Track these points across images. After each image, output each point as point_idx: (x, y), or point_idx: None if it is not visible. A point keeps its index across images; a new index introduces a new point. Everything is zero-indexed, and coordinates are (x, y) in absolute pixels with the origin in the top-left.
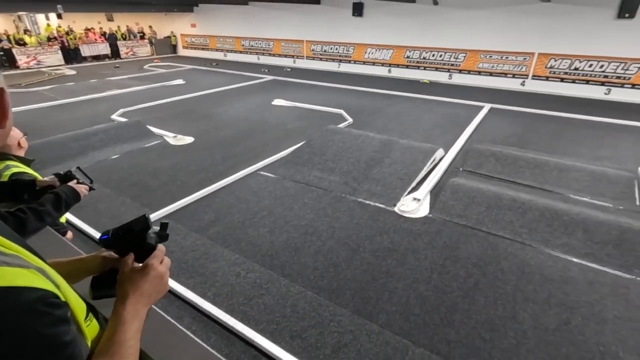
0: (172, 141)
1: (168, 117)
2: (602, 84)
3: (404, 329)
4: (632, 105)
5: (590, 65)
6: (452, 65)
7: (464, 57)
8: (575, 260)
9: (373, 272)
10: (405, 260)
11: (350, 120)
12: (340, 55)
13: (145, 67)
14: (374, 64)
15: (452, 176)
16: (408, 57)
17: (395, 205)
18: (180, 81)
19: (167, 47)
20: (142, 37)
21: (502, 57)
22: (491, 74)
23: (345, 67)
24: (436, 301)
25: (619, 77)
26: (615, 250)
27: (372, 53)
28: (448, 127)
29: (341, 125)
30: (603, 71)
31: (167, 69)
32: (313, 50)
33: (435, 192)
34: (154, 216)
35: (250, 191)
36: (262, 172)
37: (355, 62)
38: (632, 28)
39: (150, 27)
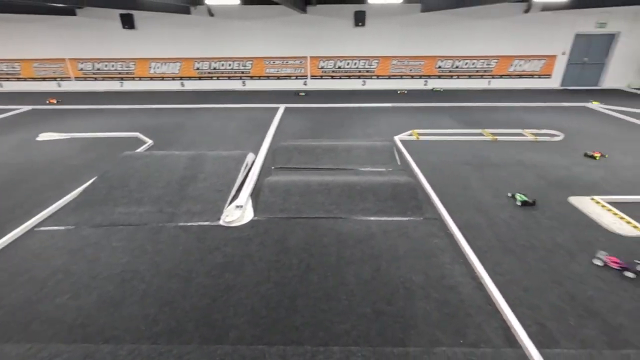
0: None
1: None
2: (359, 77)
3: (256, 335)
4: (380, 91)
5: (348, 64)
6: (243, 72)
7: (252, 64)
8: (372, 218)
9: (212, 293)
10: (242, 269)
11: (149, 141)
12: (120, 73)
13: None
14: (163, 78)
15: (267, 175)
16: (198, 68)
17: (219, 219)
18: None
19: None
20: None
21: (283, 62)
22: (278, 78)
23: (129, 85)
24: (278, 296)
25: (368, 71)
26: (393, 202)
27: (159, 67)
28: (253, 131)
29: (140, 149)
30: (357, 67)
31: None
32: (82, 69)
33: (255, 195)
34: None
35: (30, 256)
36: (43, 228)
37: (140, 78)
38: (364, 33)
39: None
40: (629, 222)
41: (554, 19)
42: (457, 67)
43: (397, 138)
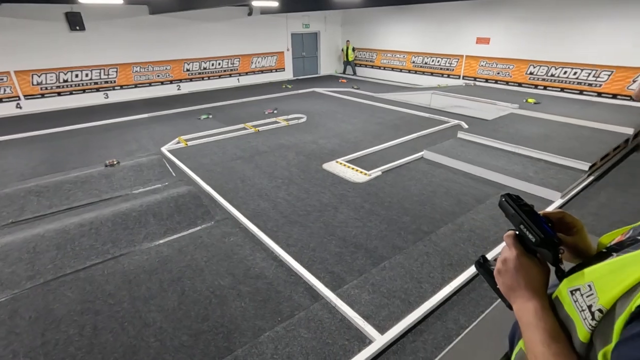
0: None
1: None
2: (98, 89)
3: None
4: (129, 102)
5: (77, 76)
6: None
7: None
8: (161, 241)
9: None
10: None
11: None
12: None
13: None
14: None
15: None
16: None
17: None
18: None
19: None
20: None
21: None
22: None
23: None
24: None
25: (107, 82)
26: (179, 216)
27: None
28: None
29: None
30: (90, 79)
31: None
32: None
33: None
34: None
35: None
36: None
37: None
38: (86, 39)
39: None
40: (361, 172)
41: (274, 21)
42: (205, 69)
43: (164, 149)
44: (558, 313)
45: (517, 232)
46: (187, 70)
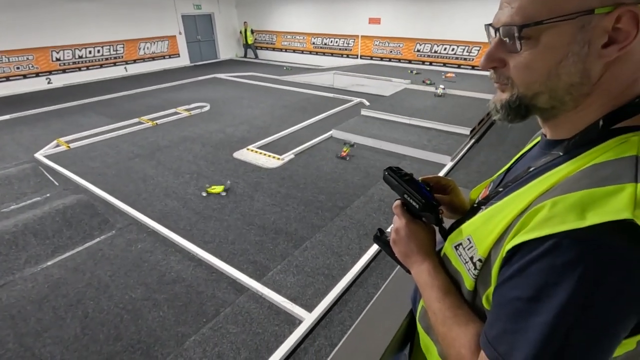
0: None
1: None
2: None
3: None
4: None
5: None
6: None
7: None
8: (49, 263)
9: None
10: None
11: None
12: None
13: None
14: None
15: None
16: None
17: None
18: None
19: None
20: None
21: None
22: None
23: None
24: None
25: None
26: (70, 230)
27: None
28: None
29: None
30: None
31: None
32: None
33: None
34: None
35: None
36: None
37: None
38: None
39: None
40: (273, 157)
41: (160, 3)
42: (81, 57)
43: (39, 155)
44: (447, 268)
45: (402, 201)
46: (58, 59)
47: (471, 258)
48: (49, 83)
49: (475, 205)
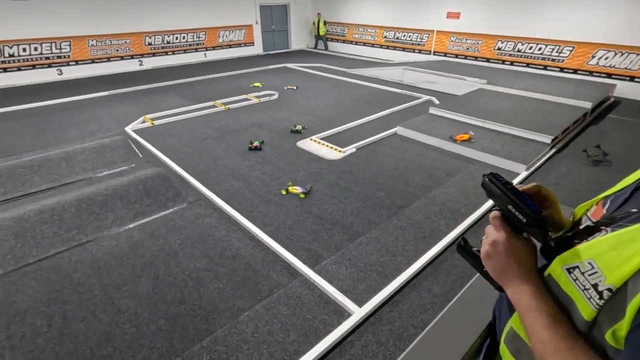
0: None
1: None
2: (49, 65)
3: None
4: (81, 79)
5: (37, 49)
6: None
7: None
8: (131, 225)
9: None
10: None
11: None
12: None
13: None
14: None
15: None
16: None
17: None
18: None
19: None
20: None
21: None
22: None
23: None
24: None
25: (60, 57)
26: (149, 199)
27: None
28: None
29: None
30: (46, 53)
31: None
32: None
33: None
34: None
35: None
36: None
37: None
38: (29, 8)
39: None
40: (335, 149)
41: None
42: (169, 43)
43: (128, 129)
44: (553, 292)
45: (502, 213)
46: (149, 44)
47: (594, 286)
48: (140, 65)
49: (592, 224)
